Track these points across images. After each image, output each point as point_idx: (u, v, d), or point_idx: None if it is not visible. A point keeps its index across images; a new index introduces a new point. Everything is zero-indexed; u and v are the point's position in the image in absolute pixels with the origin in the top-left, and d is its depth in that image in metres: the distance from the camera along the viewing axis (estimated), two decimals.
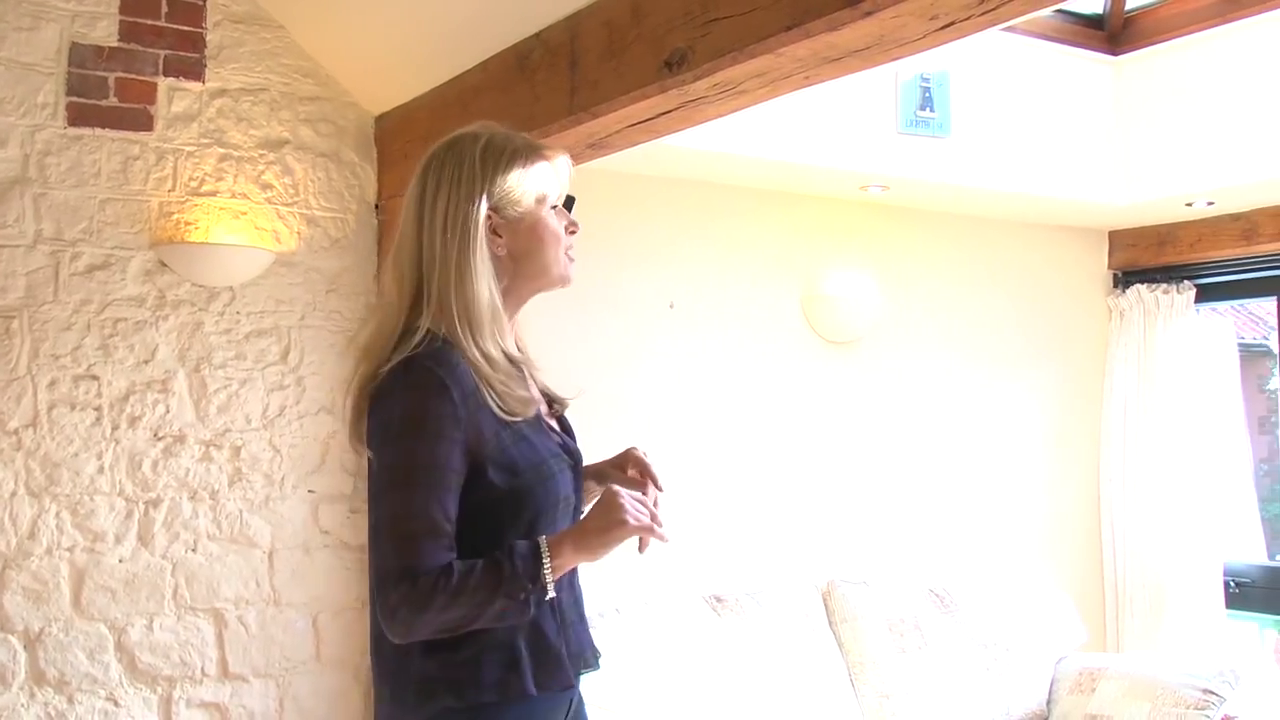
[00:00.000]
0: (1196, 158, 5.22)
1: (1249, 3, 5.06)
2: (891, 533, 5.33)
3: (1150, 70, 5.42)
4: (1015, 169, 5.17)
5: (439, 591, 2.03)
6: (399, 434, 2.10)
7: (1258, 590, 5.79)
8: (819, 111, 4.66)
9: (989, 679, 4.83)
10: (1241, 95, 5.08)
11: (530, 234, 2.30)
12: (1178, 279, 5.86)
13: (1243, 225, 5.60)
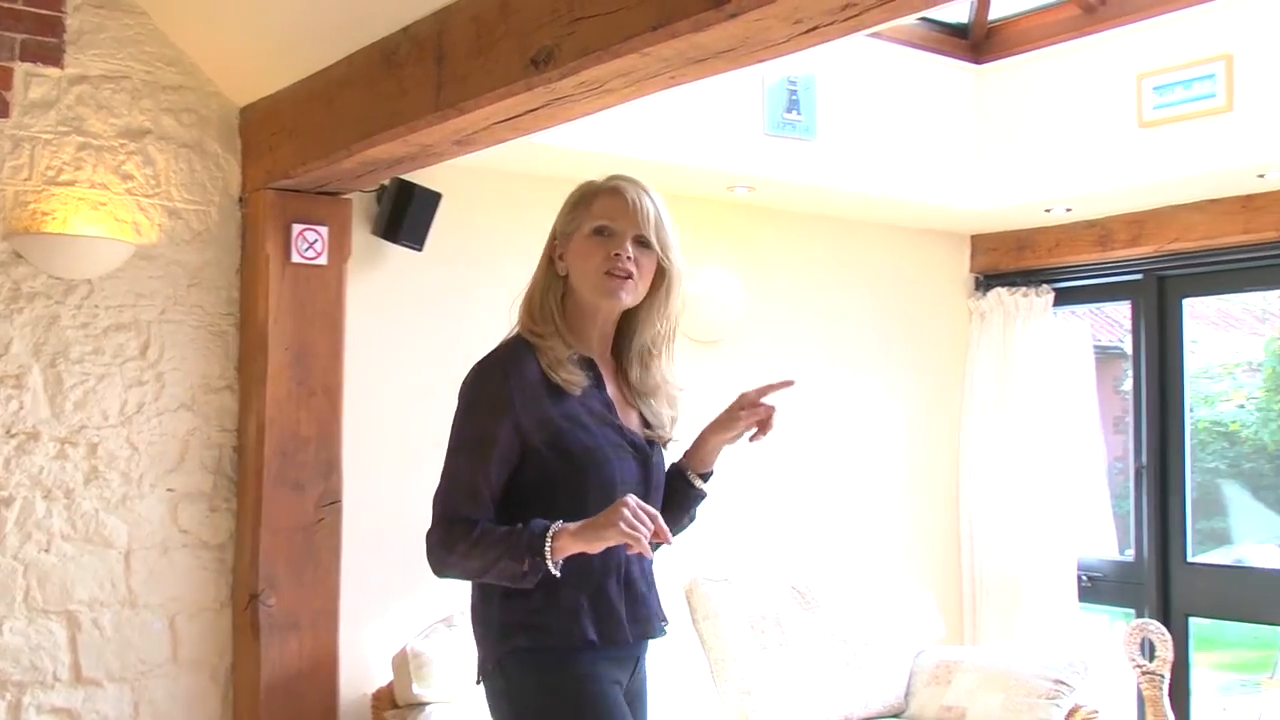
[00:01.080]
0: (1055, 165, 5.37)
1: (1106, 17, 5.22)
2: (754, 531, 5.39)
3: (1011, 79, 5.56)
4: (880, 173, 5.27)
5: (463, 539, 2.50)
6: (462, 412, 2.63)
7: (1109, 584, 5.97)
8: (687, 112, 4.69)
9: (848, 674, 4.91)
10: (1097, 106, 5.24)
11: (576, 254, 2.73)
12: (1036, 282, 6.01)
13: (1098, 231, 5.77)
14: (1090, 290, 6.09)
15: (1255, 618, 5.86)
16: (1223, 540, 9.35)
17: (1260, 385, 10.23)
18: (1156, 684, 5.03)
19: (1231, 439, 10.21)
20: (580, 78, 2.92)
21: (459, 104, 3.25)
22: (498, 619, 2.58)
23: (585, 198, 2.77)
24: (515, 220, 4.86)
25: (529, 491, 2.57)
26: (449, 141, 3.60)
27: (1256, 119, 4.76)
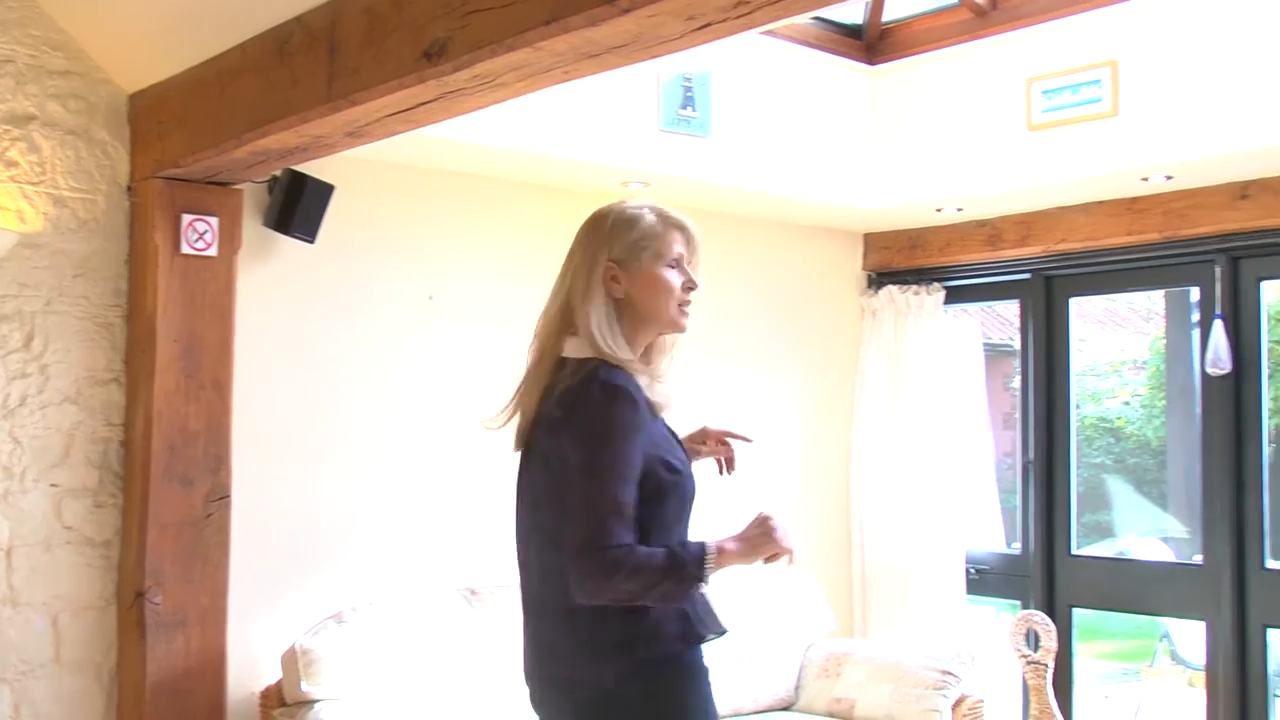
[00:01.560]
0: (946, 166, 5.46)
1: (996, 21, 5.32)
2: None
3: (905, 80, 5.64)
4: (774, 170, 5.31)
5: (623, 565, 2.48)
6: (604, 436, 2.57)
7: (995, 576, 6.08)
8: (582, 107, 4.70)
9: (739, 668, 4.95)
10: (987, 109, 5.33)
11: (649, 286, 2.79)
12: (928, 281, 6.10)
13: (988, 231, 5.87)
14: (980, 289, 6.20)
15: (1136, 608, 6.00)
16: (1107, 533, 9.55)
17: (1145, 383, 10.47)
18: (1040, 673, 5.14)
19: (1117, 435, 10.44)
20: (473, 71, 2.91)
21: (351, 95, 3.22)
22: (613, 634, 2.59)
23: (656, 234, 2.82)
24: (409, 213, 4.85)
25: (641, 509, 2.59)
26: (341, 133, 3.57)
27: (1140, 124, 4.87)
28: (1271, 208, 5.04)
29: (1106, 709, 7.71)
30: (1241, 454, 5.27)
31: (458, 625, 4.43)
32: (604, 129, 4.79)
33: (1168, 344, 7.57)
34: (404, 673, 4.20)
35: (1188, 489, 6.60)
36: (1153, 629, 7.72)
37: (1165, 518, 8.44)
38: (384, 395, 4.76)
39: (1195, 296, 5.51)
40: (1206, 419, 5.40)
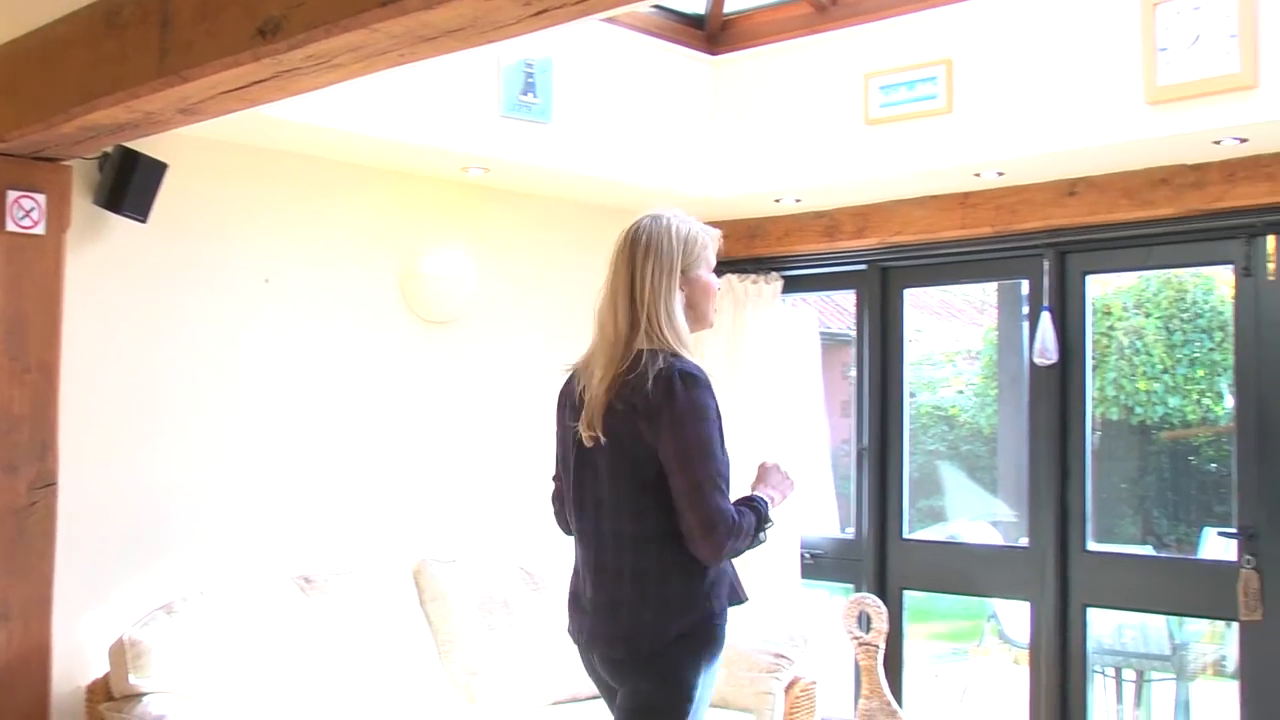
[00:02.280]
0: (785, 157, 5.54)
1: (836, 17, 5.41)
2: (485, 511, 5.41)
3: (746, 72, 5.70)
4: (614, 158, 5.34)
5: (740, 528, 2.98)
6: (702, 420, 2.98)
7: (829, 560, 6.20)
8: (422, 91, 4.68)
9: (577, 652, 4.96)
10: (826, 102, 5.42)
11: (703, 291, 3.20)
12: (766, 270, 6.19)
13: (826, 222, 5.97)
14: (817, 279, 6.30)
15: (965, 590, 6.17)
16: (939, 518, 9.79)
17: (978, 373, 10.75)
18: (872, 654, 5.26)
19: (951, 423, 10.70)
20: (308, 50, 2.88)
21: (183, 71, 3.16)
22: (678, 593, 3.02)
23: (705, 244, 3.24)
24: (246, 194, 4.77)
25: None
26: (174, 109, 3.50)
27: (973, 121, 5.01)
28: (1097, 205, 5.21)
29: (936, 688, 7.92)
30: (1066, 441, 5.44)
31: (292, 614, 4.37)
32: (444, 114, 4.77)
33: (1000, 335, 7.78)
34: (237, 664, 4.14)
35: (1016, 475, 6.79)
36: (981, 610, 7.95)
37: (995, 502, 8.67)
38: (218, 379, 4.68)
39: (1025, 289, 5.67)
40: (1034, 407, 5.56)
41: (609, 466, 3.08)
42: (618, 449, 3.04)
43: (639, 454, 3.01)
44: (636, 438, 3.01)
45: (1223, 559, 5.18)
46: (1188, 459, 7.78)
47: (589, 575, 3.16)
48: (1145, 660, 6.69)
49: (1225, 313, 5.11)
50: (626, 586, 3.05)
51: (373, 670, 4.42)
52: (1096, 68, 4.71)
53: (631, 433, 3.01)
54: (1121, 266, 5.84)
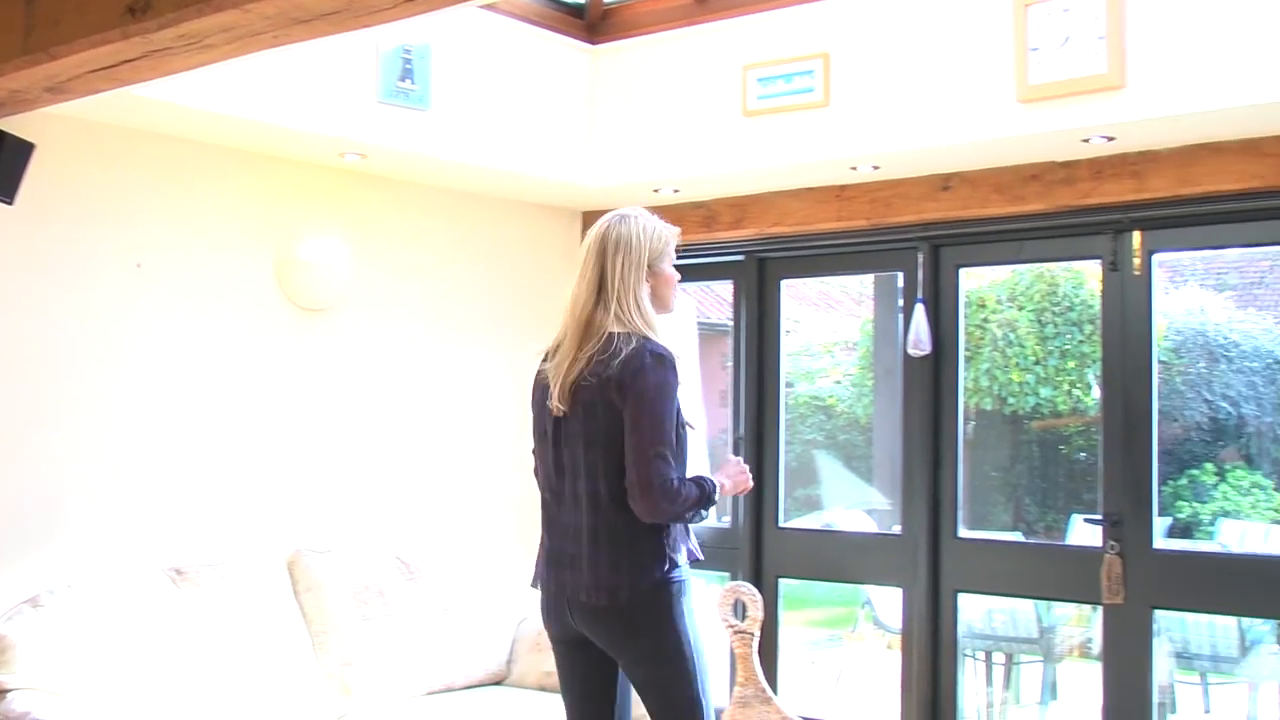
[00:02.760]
0: (664, 147, 5.56)
1: (715, 9, 5.44)
2: (361, 501, 5.37)
3: (625, 62, 5.71)
4: (493, 146, 5.31)
5: (681, 493, 3.36)
6: (663, 395, 3.37)
7: (706, 549, 6.03)
8: (298, 75, 4.62)
9: (451, 643, 4.96)
10: (705, 93, 5.45)
11: (666, 282, 3.60)
12: None
13: (704, 213, 6.00)
14: (696, 269, 6.29)
15: (840, 577, 6.26)
16: (816, 506, 9.91)
17: (855, 363, 10.88)
18: (747, 642, 5.30)
19: (828, 412, 10.82)
20: (179, 30, 2.83)
21: (50, 49, 3.10)
22: (649, 547, 3.42)
23: (667, 240, 3.63)
24: (118, 177, 4.67)
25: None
26: (40, 88, 3.43)
27: (850, 115, 5.07)
28: (970, 200, 5.30)
29: (812, 674, 8.02)
30: (939, 431, 5.54)
31: (162, 607, 4.30)
32: (321, 98, 4.71)
33: (876, 326, 7.88)
34: (105, 658, 4.05)
35: (891, 464, 6.89)
36: (855, 596, 8.07)
37: (870, 491, 8.79)
38: (86, 368, 4.58)
39: (900, 281, 5.75)
40: (908, 398, 5.65)
41: (583, 434, 3.44)
42: (591, 417, 3.42)
43: (611, 421, 3.39)
44: (609, 406, 3.38)
45: (1088, 545, 5.31)
46: (1058, 448, 7.97)
47: (568, 532, 3.51)
48: (1014, 643, 6.84)
49: (1095, 306, 5.24)
50: (604, 542, 3.42)
51: (245, 663, 4.36)
52: (970, 65, 4.79)
53: (604, 402, 3.39)
54: (993, 260, 5.96)
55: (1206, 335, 8.52)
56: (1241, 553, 7.04)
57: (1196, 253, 6.69)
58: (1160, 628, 5.66)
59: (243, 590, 4.54)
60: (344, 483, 5.30)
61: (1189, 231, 5.06)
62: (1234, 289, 8.98)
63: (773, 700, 5.28)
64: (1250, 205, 4.77)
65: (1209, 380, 8.53)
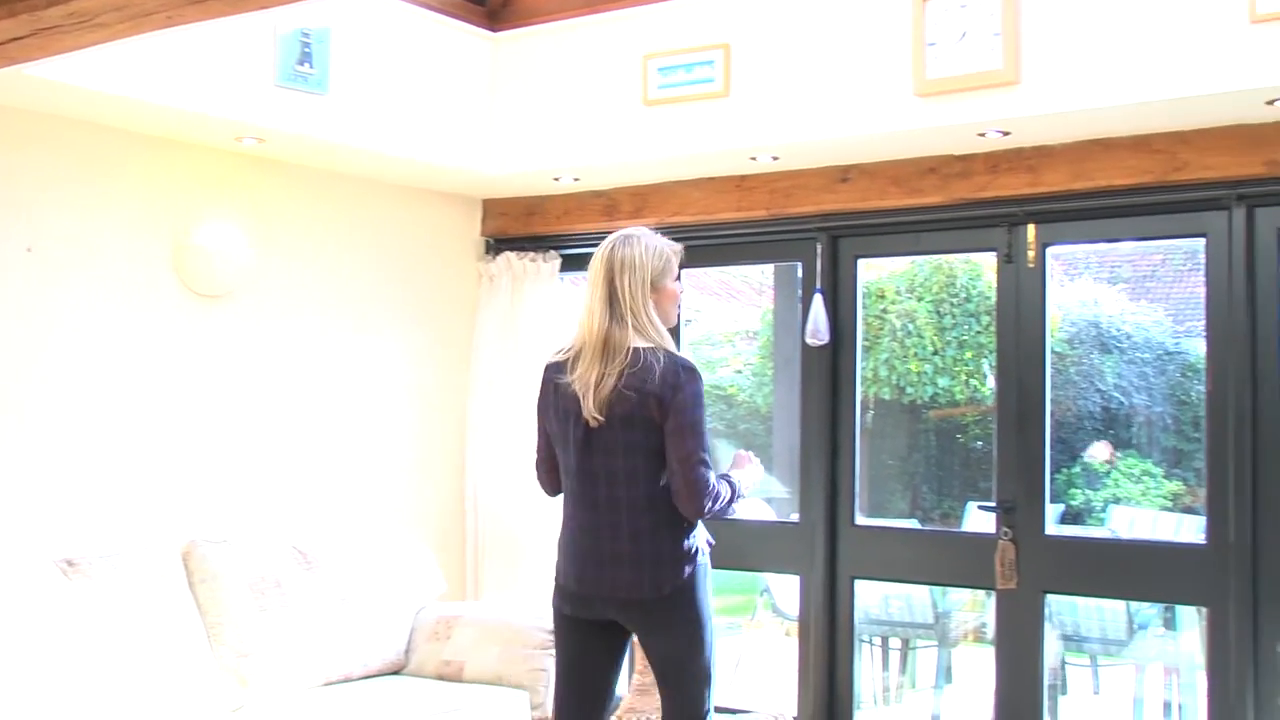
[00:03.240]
0: (565, 136, 5.55)
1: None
2: (258, 490, 5.30)
3: (526, 50, 5.69)
4: (393, 132, 5.27)
5: (720, 495, 3.75)
6: (699, 405, 3.70)
7: None
8: (195, 56, 4.54)
9: (349, 633, 4.92)
10: (606, 82, 5.45)
11: (669, 298, 3.88)
12: (545, 248, 6.19)
13: (605, 202, 6.00)
14: None
15: (739, 565, 6.27)
16: None
17: (756, 353, 10.94)
18: None
19: (729, 402, 10.87)
20: (69, 8, 2.78)
21: None
22: (673, 549, 3.75)
23: (669, 258, 3.91)
24: (8, 158, 4.59)
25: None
26: None
27: (749, 106, 5.09)
28: (868, 191, 5.36)
29: None
30: (837, 420, 5.59)
31: (53, 599, 4.20)
32: (217, 81, 4.64)
33: (776, 316, 7.94)
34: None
35: (790, 453, 6.95)
36: (754, 584, 8.13)
37: (770, 480, 8.86)
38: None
39: (800, 272, 5.80)
40: (806, 387, 5.69)
41: (623, 443, 3.70)
42: (629, 427, 3.69)
43: (649, 431, 3.68)
44: (648, 418, 3.66)
45: (983, 531, 5.39)
46: (954, 437, 8.08)
47: (604, 533, 3.77)
48: (910, 629, 6.94)
49: (992, 298, 5.32)
50: (647, 542, 3.73)
51: (138, 656, 4.29)
52: (869, 59, 4.84)
53: (644, 414, 3.66)
54: (891, 251, 6.04)
55: (1100, 327, 8.70)
56: (1130, 538, 7.19)
57: (1090, 246, 6.82)
58: (1051, 612, 5.78)
59: (136, 582, 4.45)
60: (241, 472, 5.24)
61: (1082, 225, 5.15)
62: (1127, 282, 9.17)
63: None
64: (1141, 200, 4.88)
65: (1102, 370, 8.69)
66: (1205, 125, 4.65)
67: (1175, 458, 8.63)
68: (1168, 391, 8.63)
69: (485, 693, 4.84)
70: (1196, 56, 4.25)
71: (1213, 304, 4.84)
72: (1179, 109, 4.46)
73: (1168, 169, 4.76)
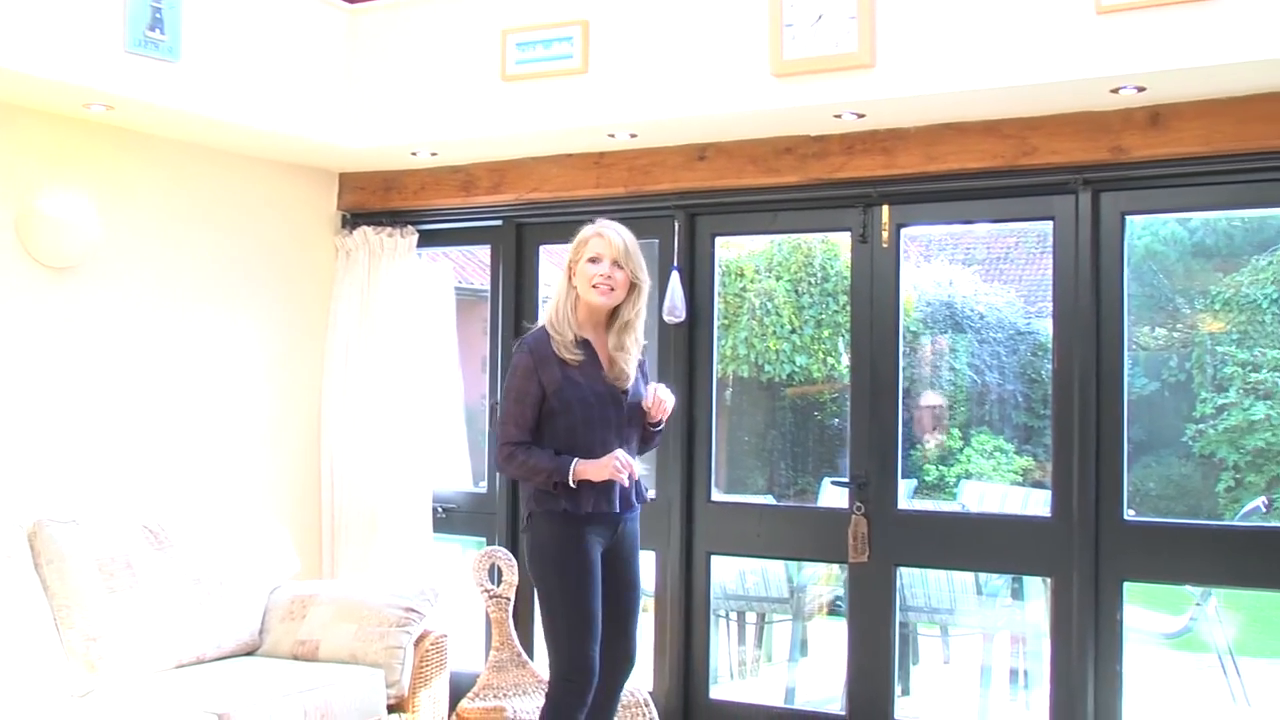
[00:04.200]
0: (422, 110, 5.50)
1: None
2: (108, 469, 5.18)
3: (384, 23, 5.62)
4: (247, 103, 5.17)
5: (520, 455, 4.21)
6: (510, 375, 4.29)
7: (462, 514, 6.23)
8: (40, 21, 4.40)
9: (202, 613, 4.84)
10: (464, 56, 5.41)
11: (579, 276, 4.31)
12: (402, 223, 6.13)
13: (462, 177, 5.97)
14: (453, 233, 6.31)
15: None
16: None
17: None
18: (503, 606, 5.32)
19: None
20: None
21: None
22: (531, 492, 4.30)
23: (583, 240, 4.36)
24: None
25: (545, 421, 4.24)
26: None
27: (608, 83, 5.10)
28: (726, 170, 5.40)
29: None
30: (694, 397, 5.63)
31: None
32: (64, 46, 4.49)
33: None
34: None
35: None
36: None
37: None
38: None
39: (658, 249, 5.82)
40: (664, 364, 5.72)
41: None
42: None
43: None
44: None
45: (837, 506, 5.48)
46: (812, 414, 8.20)
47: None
48: (766, 603, 7.04)
49: (849, 277, 5.40)
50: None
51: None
52: (727, 38, 4.87)
53: None
54: (748, 230, 6.09)
55: (954, 307, 8.89)
56: (978, 512, 7.37)
57: (945, 228, 6.96)
58: (903, 584, 5.90)
59: None
60: (89, 450, 5.11)
61: (934, 206, 5.26)
62: (981, 264, 9.39)
63: (528, 664, 5.31)
64: (991, 183, 5.00)
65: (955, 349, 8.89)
66: (1053, 112, 4.77)
67: (1026, 434, 8.87)
68: (1019, 370, 8.86)
69: (341, 672, 4.80)
70: (1045, 45, 4.36)
71: (1059, 284, 4.98)
72: (1028, 95, 4.57)
73: (1017, 153, 4.88)
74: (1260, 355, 8.82)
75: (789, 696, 6.30)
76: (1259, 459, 8.83)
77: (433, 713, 5.04)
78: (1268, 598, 6.90)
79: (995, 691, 6.67)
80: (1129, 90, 4.46)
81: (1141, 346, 9.13)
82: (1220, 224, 9.00)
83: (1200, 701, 6.85)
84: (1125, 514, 4.87)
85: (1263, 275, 8.69)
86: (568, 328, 4.28)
